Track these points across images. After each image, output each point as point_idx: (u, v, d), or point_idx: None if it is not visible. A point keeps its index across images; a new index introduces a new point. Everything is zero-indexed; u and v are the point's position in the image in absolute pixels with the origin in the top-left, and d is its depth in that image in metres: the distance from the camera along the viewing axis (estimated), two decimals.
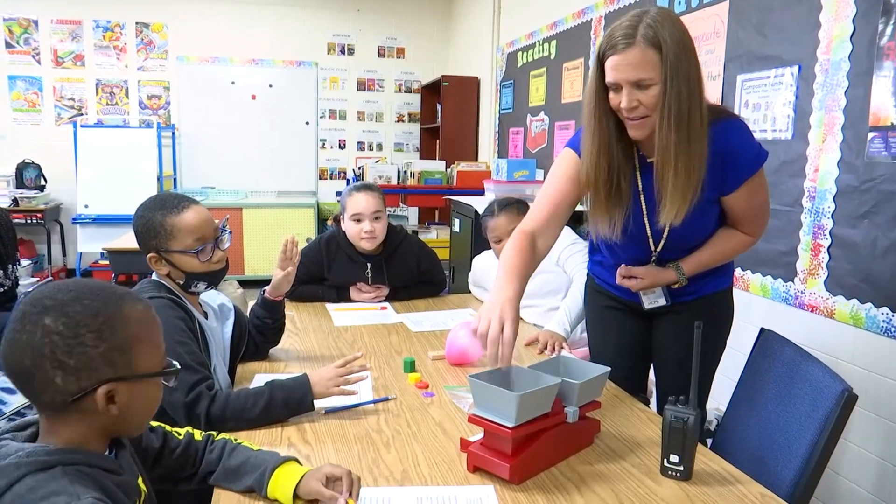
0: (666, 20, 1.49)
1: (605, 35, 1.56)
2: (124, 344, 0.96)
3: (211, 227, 1.72)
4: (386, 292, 2.72)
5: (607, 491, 1.28)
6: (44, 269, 6.40)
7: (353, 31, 7.17)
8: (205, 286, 1.74)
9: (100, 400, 0.95)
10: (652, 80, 1.49)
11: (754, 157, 1.64)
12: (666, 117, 1.50)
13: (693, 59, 1.51)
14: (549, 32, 4.72)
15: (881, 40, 2.11)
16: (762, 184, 1.71)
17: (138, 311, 1.00)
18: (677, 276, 1.77)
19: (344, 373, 1.63)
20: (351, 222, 2.62)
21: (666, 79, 1.48)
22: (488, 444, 1.34)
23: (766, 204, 1.76)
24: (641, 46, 1.47)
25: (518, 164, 4.46)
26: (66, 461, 0.93)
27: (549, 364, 1.51)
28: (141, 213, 1.70)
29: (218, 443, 1.31)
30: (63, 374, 0.92)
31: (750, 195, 1.69)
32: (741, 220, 1.74)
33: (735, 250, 1.80)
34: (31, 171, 6.35)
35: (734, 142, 1.61)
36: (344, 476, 1.21)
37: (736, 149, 1.61)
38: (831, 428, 1.40)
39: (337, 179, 7.31)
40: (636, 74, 1.49)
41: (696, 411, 1.31)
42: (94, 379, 0.94)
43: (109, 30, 6.64)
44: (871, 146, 2.14)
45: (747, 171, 1.63)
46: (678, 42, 1.48)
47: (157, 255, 1.68)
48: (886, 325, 2.10)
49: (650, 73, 1.48)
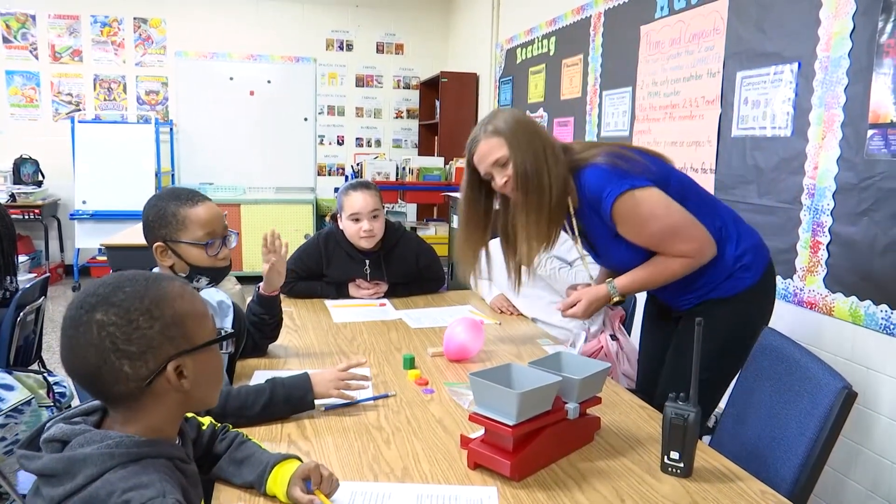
0: (499, 113, 1.85)
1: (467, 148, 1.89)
2: (176, 318, 0.98)
3: (221, 224, 1.75)
4: (385, 289, 2.72)
5: (608, 488, 1.28)
6: (41, 266, 6.39)
7: (352, 27, 7.16)
8: (206, 282, 1.75)
9: (171, 377, 0.97)
10: (505, 156, 1.79)
11: (604, 198, 1.75)
12: (519, 182, 1.79)
13: (532, 131, 1.80)
14: (549, 29, 4.72)
15: (881, 37, 2.11)
16: (645, 214, 1.75)
17: (177, 286, 1.02)
18: (608, 289, 1.89)
19: (346, 377, 1.63)
20: (349, 221, 2.62)
21: (511, 153, 1.78)
22: (489, 441, 1.34)
23: (669, 229, 1.76)
24: (486, 139, 1.82)
25: None
26: (153, 454, 0.95)
27: (550, 360, 1.51)
28: (154, 203, 1.72)
29: (230, 434, 1.33)
30: (130, 362, 0.94)
31: (637, 229, 1.78)
32: (655, 249, 1.81)
33: (673, 271, 1.81)
34: (28, 166, 6.33)
35: (588, 190, 1.79)
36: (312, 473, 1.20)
37: (591, 196, 1.78)
38: (831, 425, 1.40)
39: (335, 176, 7.29)
40: (493, 157, 1.81)
41: (696, 408, 1.31)
42: (161, 358, 0.96)
43: (107, 25, 6.62)
44: (871, 143, 2.14)
45: (606, 213, 1.77)
46: (514, 122, 1.81)
47: (164, 245, 1.69)
48: (885, 323, 2.10)
49: (500, 152, 1.80)
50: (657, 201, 1.75)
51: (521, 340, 2.23)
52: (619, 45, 3.78)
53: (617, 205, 1.74)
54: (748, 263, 1.84)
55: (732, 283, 1.84)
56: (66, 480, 0.90)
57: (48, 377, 2.35)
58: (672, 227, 1.76)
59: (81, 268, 6.30)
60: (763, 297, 1.89)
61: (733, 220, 1.89)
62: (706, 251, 1.79)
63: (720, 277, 1.84)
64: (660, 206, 1.75)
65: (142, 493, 0.88)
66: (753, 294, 1.85)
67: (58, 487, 0.90)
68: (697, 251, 1.78)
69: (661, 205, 1.75)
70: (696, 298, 1.88)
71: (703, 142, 3.02)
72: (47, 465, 0.91)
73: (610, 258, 1.96)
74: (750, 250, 1.86)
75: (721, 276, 1.84)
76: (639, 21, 3.55)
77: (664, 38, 3.33)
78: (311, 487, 1.19)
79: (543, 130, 1.86)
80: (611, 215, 1.76)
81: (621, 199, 1.73)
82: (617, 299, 1.90)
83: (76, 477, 0.89)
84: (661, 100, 3.35)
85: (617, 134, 3.78)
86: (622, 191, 1.73)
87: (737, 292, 1.84)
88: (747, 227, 1.91)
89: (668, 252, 1.79)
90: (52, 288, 6.01)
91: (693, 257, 1.78)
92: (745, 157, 2.74)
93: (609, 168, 1.76)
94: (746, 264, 1.84)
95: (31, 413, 2.12)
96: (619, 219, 1.77)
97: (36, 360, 2.95)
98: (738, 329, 1.84)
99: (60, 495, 0.89)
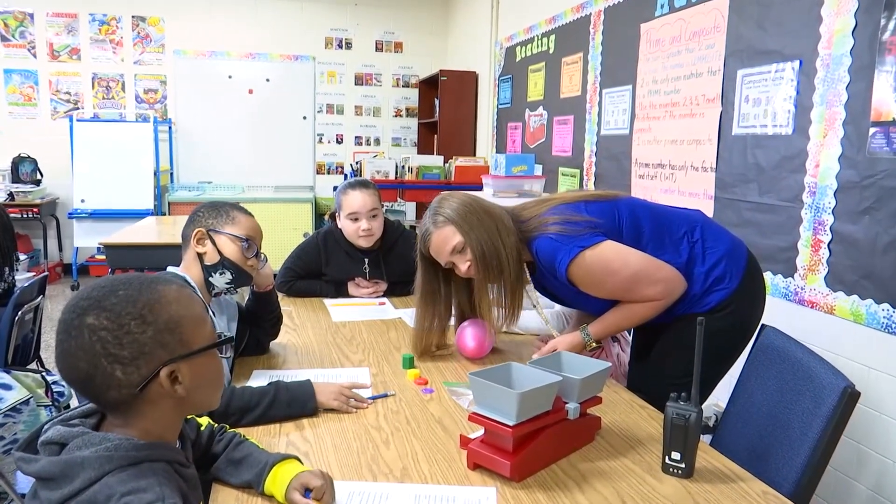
0: (443, 201, 1.87)
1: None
2: (170, 323, 0.96)
3: (260, 240, 1.85)
4: (384, 287, 2.71)
5: (609, 489, 1.27)
6: (40, 264, 6.38)
7: (351, 26, 7.14)
8: (227, 279, 1.77)
9: (164, 383, 0.95)
10: (461, 242, 1.82)
11: (558, 265, 1.77)
12: (479, 264, 1.81)
13: (479, 211, 1.83)
14: (548, 27, 4.70)
15: (883, 35, 2.10)
16: (600, 273, 1.76)
17: (174, 290, 1.00)
18: (582, 335, 1.90)
19: (349, 395, 1.63)
20: (347, 221, 2.61)
21: (465, 238, 1.81)
22: (489, 441, 1.33)
23: (629, 280, 1.76)
24: (437, 230, 1.84)
25: (516, 158, 4.45)
26: (152, 457, 0.94)
27: (550, 360, 1.50)
28: (212, 202, 1.84)
29: (227, 434, 1.32)
30: (122, 367, 0.93)
31: (597, 287, 1.80)
32: (622, 299, 1.83)
33: (643, 314, 1.82)
34: (26, 165, 6.31)
35: (542, 260, 1.82)
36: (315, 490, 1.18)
37: (546, 265, 1.81)
38: (833, 425, 1.39)
39: (334, 174, 7.28)
40: (448, 247, 1.82)
41: (697, 408, 1.30)
42: (153, 363, 0.94)
43: (105, 23, 6.60)
44: (873, 142, 2.13)
45: (562, 279, 1.79)
46: (461, 206, 1.84)
47: (204, 232, 1.76)
48: (887, 322, 2.09)
49: (455, 240, 1.82)
50: (611, 256, 1.76)
51: (521, 340, 2.22)
52: (619, 43, 3.76)
53: (571, 269, 1.76)
54: (721, 274, 1.80)
55: (711, 298, 1.81)
56: (63, 484, 0.89)
57: (46, 376, 2.34)
58: (632, 276, 1.76)
59: (80, 267, 6.30)
60: (748, 299, 1.85)
61: (701, 227, 1.85)
62: (675, 288, 1.78)
63: (696, 296, 1.81)
64: (615, 260, 1.76)
65: (140, 497, 0.87)
66: (737, 300, 1.81)
67: (56, 491, 0.89)
68: (666, 292, 1.78)
69: (617, 258, 1.76)
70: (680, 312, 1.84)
71: (703, 140, 3.01)
72: (45, 469, 0.90)
73: (581, 308, 2.01)
74: (722, 259, 1.81)
75: (697, 295, 1.81)
76: (639, 19, 3.54)
77: (664, 35, 3.32)
78: (311, 497, 1.17)
79: (490, 207, 1.87)
80: (568, 280, 1.78)
81: (574, 264, 1.75)
82: (594, 345, 1.91)
83: (74, 480, 0.88)
84: (662, 98, 3.34)
85: (617, 132, 3.76)
86: (573, 256, 1.74)
87: (718, 303, 1.80)
88: (715, 231, 1.87)
89: (637, 299, 1.80)
90: (51, 287, 6.00)
91: (663, 298, 1.78)
92: (745, 155, 2.73)
93: (556, 237, 1.78)
94: (719, 276, 1.80)
95: (29, 412, 2.12)
96: (578, 281, 1.79)
97: (34, 359, 2.95)
98: (727, 335, 1.81)
99: (58, 499, 0.88)
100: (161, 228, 4.62)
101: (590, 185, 4.11)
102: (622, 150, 3.70)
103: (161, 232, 4.48)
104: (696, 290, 1.81)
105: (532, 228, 1.85)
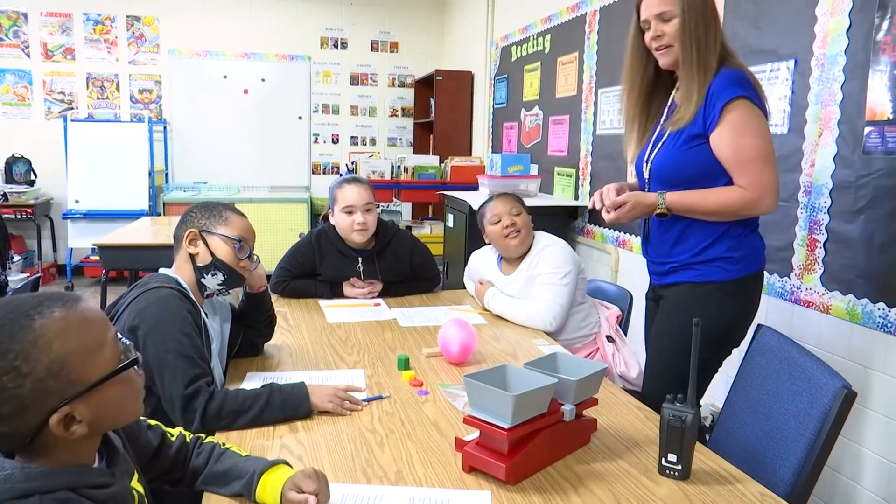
0: None
1: None
2: (52, 367, 0.85)
3: (253, 241, 1.84)
4: (379, 288, 2.69)
5: (605, 491, 1.27)
6: (34, 265, 6.35)
7: (347, 25, 7.12)
8: (219, 281, 1.75)
9: (57, 429, 0.86)
10: (671, 13, 1.82)
11: (728, 91, 1.76)
12: (686, 41, 1.81)
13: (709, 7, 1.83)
14: (544, 27, 4.70)
15: (877, 35, 2.10)
16: (748, 127, 1.77)
17: (56, 320, 0.87)
18: (657, 198, 1.87)
19: (343, 397, 1.61)
20: (342, 215, 2.60)
21: (683, 11, 1.80)
22: (484, 444, 1.32)
23: (756, 151, 1.77)
24: None
25: (512, 158, 4.44)
26: (44, 488, 0.85)
27: (546, 361, 1.49)
28: (205, 202, 1.83)
29: (206, 446, 1.29)
30: (3, 423, 0.84)
31: (733, 135, 1.77)
32: (730, 166, 1.80)
33: (725, 200, 1.80)
34: (20, 165, 6.29)
35: (721, 81, 1.79)
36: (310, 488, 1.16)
37: (720, 85, 1.79)
38: (830, 425, 1.39)
39: (330, 174, 7.26)
40: (658, 9, 1.84)
41: (694, 410, 1.30)
42: (39, 413, 0.85)
43: (100, 23, 6.57)
44: (868, 141, 2.13)
45: (718, 106, 1.77)
46: None
47: (197, 233, 1.74)
48: (883, 321, 2.09)
49: (669, 6, 1.82)
50: (765, 129, 1.80)
51: (517, 341, 2.21)
52: (614, 43, 3.76)
53: (735, 103, 1.76)
54: (736, 258, 1.84)
55: (711, 269, 1.85)
56: None
57: None
58: (760, 154, 1.77)
59: (74, 267, 6.27)
60: (739, 297, 1.87)
61: (756, 224, 1.92)
62: (765, 198, 1.79)
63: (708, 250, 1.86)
64: (765, 132, 1.79)
65: None
66: (730, 290, 1.85)
67: None
68: (762, 187, 1.78)
69: (766, 133, 1.79)
70: (679, 266, 1.90)
71: None
72: None
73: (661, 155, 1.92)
74: (748, 252, 1.86)
75: (709, 248, 1.85)
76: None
77: None
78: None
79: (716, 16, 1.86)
80: (721, 110, 1.76)
81: (742, 102, 1.76)
82: (660, 211, 1.87)
83: None
84: None
85: (612, 132, 3.76)
86: (749, 97, 1.77)
87: (711, 280, 1.85)
88: (758, 235, 1.92)
89: (740, 175, 1.79)
90: (45, 288, 5.98)
91: (751, 194, 1.78)
92: None
93: (752, 81, 1.81)
94: (734, 258, 1.84)
95: None
96: (726, 117, 1.77)
97: None
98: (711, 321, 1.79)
99: None
100: (156, 229, 4.60)
101: (586, 185, 4.10)
102: (618, 150, 3.69)
103: (156, 232, 4.46)
104: (714, 242, 1.85)
105: (736, 64, 1.85)
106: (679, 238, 1.90)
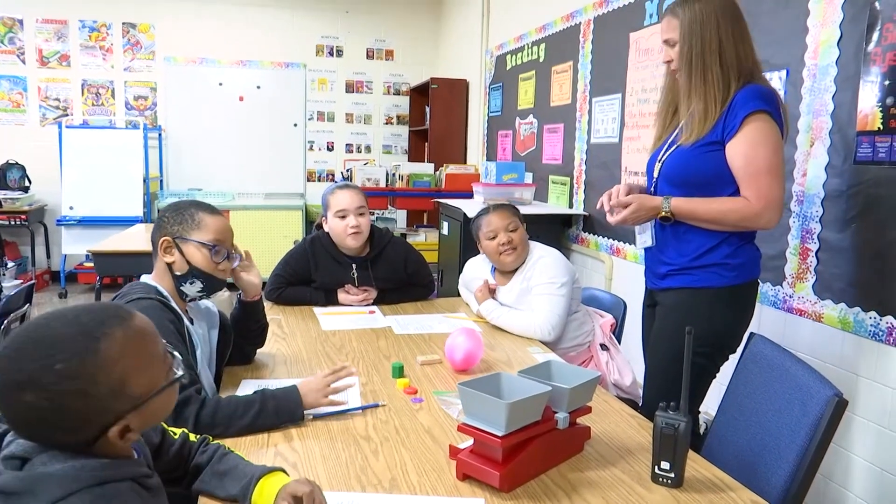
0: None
1: None
2: (114, 385, 0.92)
3: (230, 240, 1.79)
4: (374, 295, 2.70)
5: (598, 498, 1.27)
6: (27, 272, 6.33)
7: (342, 33, 7.15)
8: (199, 288, 1.72)
9: (114, 437, 0.94)
10: (673, 39, 1.93)
11: (750, 104, 1.81)
12: (684, 65, 1.91)
13: (711, 24, 1.86)
14: (538, 36, 4.72)
15: (868, 46, 2.12)
16: (764, 140, 1.81)
17: (118, 341, 0.93)
18: (662, 201, 1.92)
19: (332, 380, 1.61)
20: (336, 219, 2.61)
21: (682, 37, 1.89)
22: (478, 451, 1.32)
23: (767, 163, 1.81)
24: (667, 16, 1.95)
25: (507, 166, 4.45)
26: (117, 477, 0.94)
27: (540, 369, 1.50)
28: (174, 203, 1.78)
29: (211, 446, 1.31)
30: (64, 433, 0.91)
31: (749, 145, 1.81)
32: (740, 175, 1.84)
33: (728, 209, 1.85)
34: (14, 171, 6.27)
35: (745, 94, 1.84)
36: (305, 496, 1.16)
37: (744, 97, 1.83)
38: (822, 433, 1.40)
39: (325, 181, 7.26)
40: (664, 35, 1.96)
41: (687, 418, 1.31)
42: (100, 426, 0.93)
43: (96, 30, 6.58)
44: (859, 151, 2.15)
45: (739, 116, 1.82)
46: (698, 11, 1.88)
47: (170, 241, 1.71)
48: (874, 329, 2.11)
49: (671, 33, 1.93)
50: (780, 145, 1.84)
51: (512, 349, 2.22)
52: (608, 52, 3.78)
53: (756, 116, 1.81)
54: (733, 265, 1.89)
55: (708, 275, 1.89)
56: (25, 500, 0.87)
57: None
58: (770, 167, 1.81)
59: (68, 274, 6.25)
60: (734, 304, 1.92)
61: (754, 234, 1.96)
62: (768, 211, 1.83)
63: (706, 256, 1.90)
64: (779, 148, 1.83)
65: None
66: (726, 297, 1.89)
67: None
68: (767, 201, 1.82)
69: (780, 150, 1.84)
70: (676, 270, 1.94)
71: None
72: (8, 483, 0.89)
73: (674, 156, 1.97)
74: (745, 260, 1.92)
75: (707, 254, 1.90)
76: (628, 28, 3.56)
77: (653, 45, 3.34)
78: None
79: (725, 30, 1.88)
80: (742, 120, 1.81)
81: (762, 115, 1.81)
82: (664, 214, 1.92)
83: (38, 496, 0.87)
84: (651, 106, 3.35)
85: (607, 140, 3.78)
86: (769, 111, 1.81)
87: (707, 285, 1.89)
88: (755, 246, 1.97)
89: (744, 185, 1.84)
90: (39, 295, 5.96)
91: (754, 206, 1.82)
92: None
93: (776, 99, 1.87)
94: (732, 265, 1.89)
95: None
96: (745, 128, 1.81)
97: None
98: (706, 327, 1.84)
99: None
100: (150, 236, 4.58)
101: (580, 193, 4.12)
102: (612, 158, 3.71)
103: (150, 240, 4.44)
104: (713, 248, 1.89)
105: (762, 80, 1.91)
106: (680, 240, 1.94)
